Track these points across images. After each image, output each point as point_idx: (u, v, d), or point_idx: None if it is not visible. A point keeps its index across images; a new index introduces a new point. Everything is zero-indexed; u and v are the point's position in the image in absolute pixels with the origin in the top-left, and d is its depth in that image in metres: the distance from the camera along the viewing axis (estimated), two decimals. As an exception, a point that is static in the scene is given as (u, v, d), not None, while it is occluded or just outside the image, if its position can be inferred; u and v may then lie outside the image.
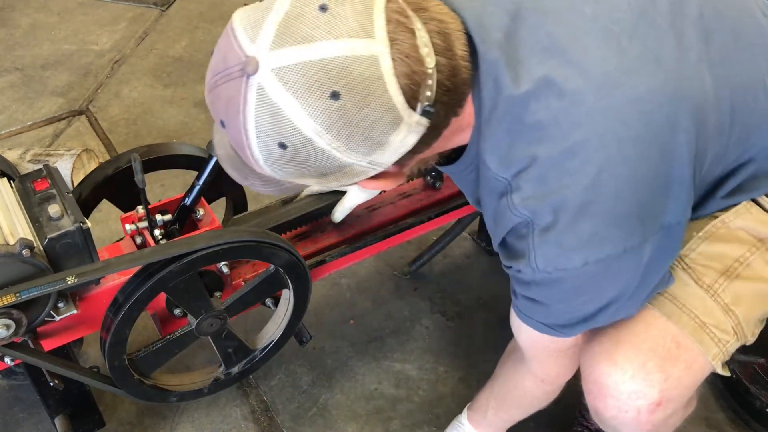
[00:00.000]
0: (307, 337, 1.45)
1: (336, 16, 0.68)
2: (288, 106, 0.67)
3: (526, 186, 0.80)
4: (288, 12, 0.68)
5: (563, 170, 0.77)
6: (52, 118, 2.36)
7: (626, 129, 0.77)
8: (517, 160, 0.80)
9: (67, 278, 0.99)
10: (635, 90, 0.78)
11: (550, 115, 0.77)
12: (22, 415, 1.47)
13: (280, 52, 0.67)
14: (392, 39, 0.69)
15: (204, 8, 3.03)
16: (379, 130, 0.71)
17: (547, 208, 0.78)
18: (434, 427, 1.50)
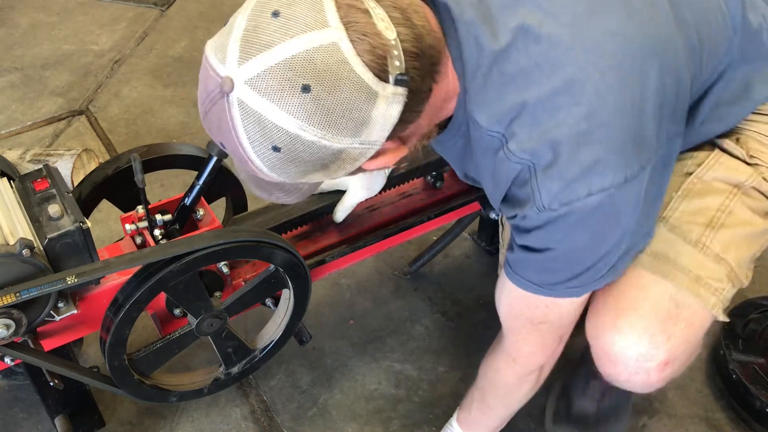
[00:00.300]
0: (307, 337, 1.45)
1: (289, 17, 0.71)
2: (268, 110, 0.71)
3: (520, 131, 0.81)
4: (246, 27, 0.73)
5: (555, 108, 0.79)
6: (52, 118, 2.36)
7: (605, 60, 0.80)
8: (508, 110, 0.82)
9: (67, 278, 0.99)
10: (606, 24, 0.82)
11: (531, 60, 0.80)
12: (22, 415, 1.47)
13: (247, 65, 0.72)
14: (347, 23, 0.71)
15: (204, 8, 3.03)
16: (357, 109, 0.73)
17: (546, 146, 0.80)
18: (434, 427, 1.50)
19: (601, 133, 0.80)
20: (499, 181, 0.87)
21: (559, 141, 0.80)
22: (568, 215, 0.83)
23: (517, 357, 1.11)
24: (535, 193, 0.83)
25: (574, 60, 0.80)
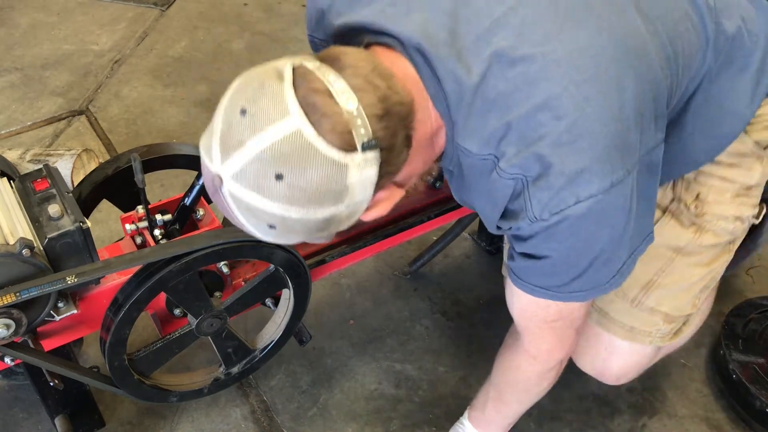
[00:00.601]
0: (307, 337, 1.45)
1: (254, 113, 0.77)
2: (253, 199, 0.78)
3: (508, 149, 0.85)
4: (222, 129, 0.79)
5: (537, 123, 0.83)
6: (52, 118, 2.36)
7: (580, 73, 0.84)
8: (494, 133, 0.86)
9: (67, 278, 0.99)
10: (577, 40, 0.85)
11: (508, 84, 0.84)
12: (22, 415, 1.47)
13: (229, 162, 0.78)
14: (306, 107, 0.76)
15: (204, 8, 3.03)
16: (331, 182, 0.78)
17: (533, 159, 0.84)
18: (434, 427, 1.50)
19: (584, 142, 0.83)
20: (497, 200, 0.91)
21: (544, 154, 0.83)
22: (559, 223, 0.86)
23: (538, 355, 1.13)
24: (527, 205, 0.86)
25: (549, 76, 0.83)
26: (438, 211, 1.52)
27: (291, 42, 2.83)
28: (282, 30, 2.91)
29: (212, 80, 2.57)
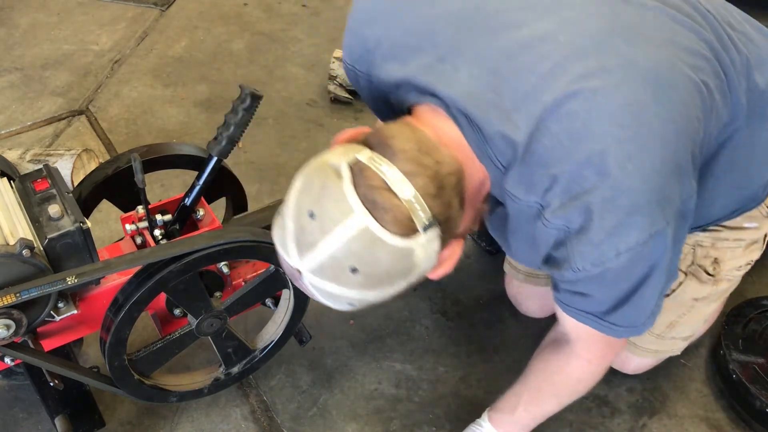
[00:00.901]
0: (307, 337, 1.45)
1: (321, 216, 0.83)
2: (332, 288, 0.87)
3: (554, 201, 0.89)
4: (294, 229, 0.86)
5: (581, 178, 0.86)
6: (52, 118, 2.36)
7: (623, 130, 0.86)
8: (541, 184, 0.90)
9: (67, 278, 0.99)
10: (623, 96, 0.87)
11: (554, 140, 0.87)
12: (22, 415, 1.47)
13: (305, 260, 0.86)
14: (367, 203, 0.82)
15: (204, 8, 3.03)
16: (401, 265, 0.86)
17: (576, 213, 0.88)
18: (434, 427, 1.50)
19: (625, 198, 0.86)
20: (539, 246, 0.96)
21: (587, 208, 0.87)
22: (602, 273, 0.91)
23: (593, 358, 1.15)
24: (570, 256, 0.91)
25: (593, 134, 0.86)
26: (438, 211, 1.52)
27: (291, 42, 2.83)
28: (282, 30, 2.91)
29: (212, 80, 2.57)
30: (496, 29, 0.93)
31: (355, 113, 2.45)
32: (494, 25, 0.94)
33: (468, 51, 0.93)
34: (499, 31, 0.93)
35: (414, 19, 0.99)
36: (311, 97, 2.52)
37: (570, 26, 0.91)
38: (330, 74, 2.44)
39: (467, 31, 0.94)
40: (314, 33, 2.90)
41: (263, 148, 2.25)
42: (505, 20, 0.93)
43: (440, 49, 0.95)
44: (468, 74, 0.92)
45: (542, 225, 0.92)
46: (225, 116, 1.20)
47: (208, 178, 1.24)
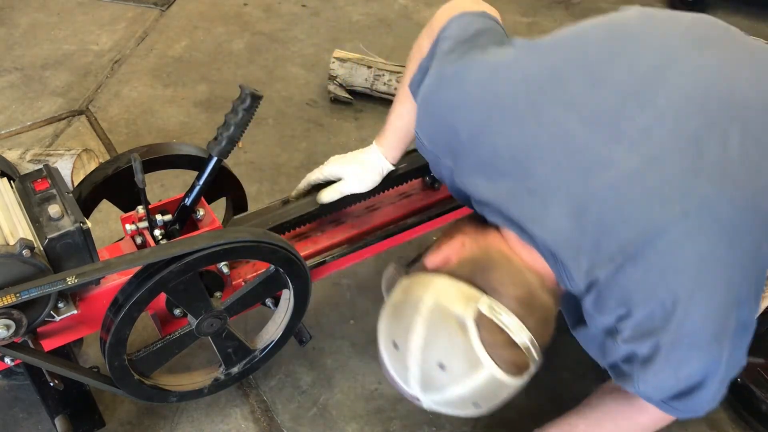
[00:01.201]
0: (307, 337, 1.45)
1: (451, 369, 0.94)
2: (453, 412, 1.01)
3: (626, 330, 0.99)
4: (420, 375, 0.97)
5: (653, 320, 0.95)
6: (52, 118, 2.36)
7: (695, 282, 0.93)
8: (616, 311, 0.99)
9: (67, 279, 0.99)
10: (698, 248, 0.92)
11: (630, 281, 0.95)
12: (22, 415, 1.47)
13: (429, 395, 0.98)
14: (494, 356, 0.94)
15: (204, 8, 3.03)
16: (514, 391, 1.00)
17: (645, 347, 0.98)
18: (434, 428, 1.50)
19: (688, 339, 0.94)
20: (607, 355, 1.06)
21: (656, 345, 0.96)
22: (664, 392, 1.03)
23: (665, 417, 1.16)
24: (635, 378, 1.01)
25: (667, 284, 0.93)
26: (438, 211, 1.52)
27: (291, 42, 2.83)
28: (282, 30, 2.91)
29: (212, 80, 2.57)
30: (584, 167, 0.96)
31: (355, 113, 2.45)
32: (583, 161, 0.96)
33: (556, 188, 0.97)
34: (588, 169, 0.96)
35: (505, 139, 1.02)
36: (311, 97, 2.52)
37: (655, 166, 0.93)
38: (330, 74, 2.44)
39: (556, 165, 0.97)
40: (314, 33, 2.90)
41: (263, 148, 2.25)
42: (594, 158, 0.95)
43: (529, 181, 0.99)
44: (557, 213, 0.97)
45: (613, 343, 1.02)
46: (225, 116, 1.20)
47: (208, 178, 1.24)
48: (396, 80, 2.40)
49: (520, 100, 1.01)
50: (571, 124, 0.97)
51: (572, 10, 3.20)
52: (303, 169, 2.17)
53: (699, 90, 0.98)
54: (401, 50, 2.81)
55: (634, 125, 0.95)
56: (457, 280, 0.99)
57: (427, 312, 0.96)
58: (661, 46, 1.03)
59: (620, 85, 0.98)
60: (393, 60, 2.63)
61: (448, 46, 1.14)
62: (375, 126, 2.37)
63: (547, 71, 1.02)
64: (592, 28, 1.09)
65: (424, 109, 1.15)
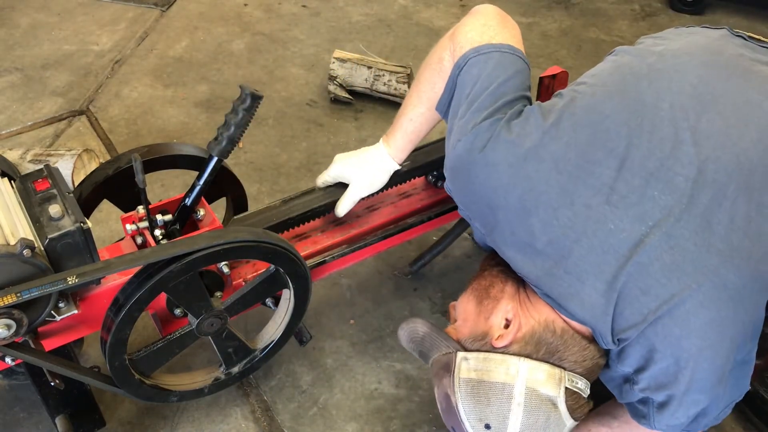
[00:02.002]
0: (307, 337, 1.45)
1: None
2: None
3: (642, 381, 1.11)
4: None
5: (669, 374, 1.07)
6: (53, 118, 2.36)
7: (705, 342, 1.04)
8: (634, 363, 1.11)
9: (67, 278, 0.99)
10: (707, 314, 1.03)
11: (650, 345, 1.07)
12: (22, 414, 1.47)
13: None
14: (574, 415, 1.13)
15: (204, 8, 3.03)
16: None
17: (660, 396, 1.10)
18: (434, 427, 1.50)
19: (698, 386, 1.06)
20: (625, 396, 1.17)
21: (670, 395, 1.09)
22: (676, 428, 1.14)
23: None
24: (650, 419, 1.13)
25: (681, 346, 1.04)
26: (438, 211, 1.53)
27: (291, 42, 2.83)
28: (282, 30, 2.91)
29: (212, 80, 2.57)
30: (615, 248, 1.06)
31: (355, 113, 2.45)
32: (614, 243, 1.06)
33: (591, 268, 1.07)
34: (618, 249, 1.06)
35: (541, 224, 1.10)
36: (311, 97, 2.52)
37: (673, 244, 1.04)
38: (330, 74, 2.45)
39: (590, 247, 1.07)
40: (314, 33, 2.91)
41: (263, 148, 2.26)
42: (623, 238, 1.05)
43: (566, 262, 1.08)
44: (592, 290, 1.07)
45: (629, 389, 1.14)
46: (225, 116, 1.20)
47: (208, 178, 1.24)
48: (396, 80, 2.40)
49: (553, 187, 1.09)
50: (601, 207, 1.07)
51: (571, 10, 3.20)
52: (303, 169, 2.17)
53: (710, 162, 1.07)
54: (401, 50, 2.81)
55: (657, 206, 1.06)
56: (537, 361, 1.12)
57: (521, 398, 1.10)
58: (672, 115, 1.11)
59: (642, 166, 1.07)
60: (393, 60, 2.63)
61: (473, 94, 1.18)
62: (375, 126, 2.37)
63: (573, 157, 1.09)
64: (608, 100, 1.14)
65: (455, 175, 1.19)
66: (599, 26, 3.08)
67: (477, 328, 1.18)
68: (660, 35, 1.35)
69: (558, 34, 3.00)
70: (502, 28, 1.26)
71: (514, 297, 1.19)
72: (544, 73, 1.65)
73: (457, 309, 1.27)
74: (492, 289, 1.21)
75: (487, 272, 1.26)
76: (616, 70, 1.21)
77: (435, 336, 1.20)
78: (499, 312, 1.17)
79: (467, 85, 1.20)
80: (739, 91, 1.15)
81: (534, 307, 1.16)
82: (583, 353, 1.13)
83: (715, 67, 1.18)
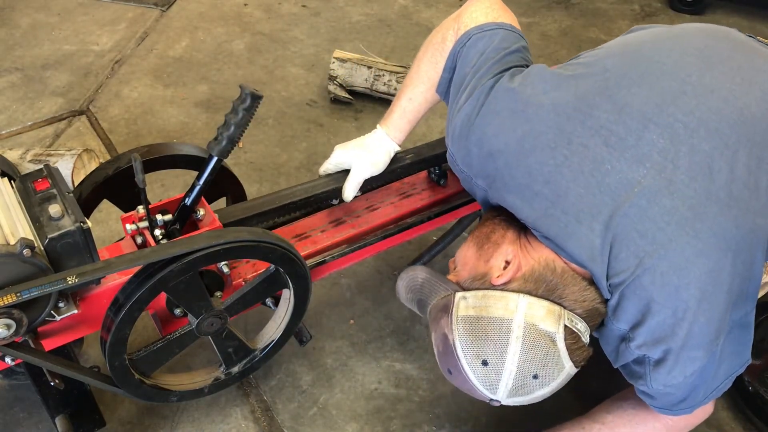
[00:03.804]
0: (307, 337, 1.45)
1: (543, 377, 1.08)
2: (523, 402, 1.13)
3: (639, 337, 1.09)
4: (513, 385, 1.08)
5: (666, 327, 1.06)
6: (53, 118, 2.37)
7: (703, 293, 1.03)
8: (631, 318, 1.09)
9: (67, 278, 0.99)
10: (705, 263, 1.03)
11: (646, 293, 1.06)
12: (22, 414, 1.47)
13: (514, 399, 1.11)
14: (573, 359, 1.09)
15: (204, 8, 3.03)
16: None
17: (657, 351, 1.09)
18: (434, 427, 1.50)
19: (694, 341, 1.06)
20: (621, 356, 1.15)
21: (666, 350, 1.08)
22: (670, 389, 1.13)
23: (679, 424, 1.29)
24: (647, 378, 1.12)
25: (680, 295, 1.04)
26: (438, 211, 1.53)
27: (291, 42, 2.83)
28: (282, 30, 2.91)
29: (212, 80, 2.57)
30: (612, 188, 1.06)
31: (355, 113, 2.45)
32: (611, 183, 1.06)
33: (588, 208, 1.07)
34: (615, 189, 1.06)
35: (539, 164, 1.10)
36: (311, 97, 2.52)
37: (672, 188, 1.04)
38: (330, 74, 2.45)
39: (587, 187, 1.07)
40: (314, 33, 2.91)
41: (263, 148, 2.26)
42: (620, 179, 1.05)
43: (563, 202, 1.08)
44: (589, 230, 1.07)
45: (626, 348, 1.12)
46: (225, 116, 1.20)
47: (208, 178, 1.24)
48: (396, 80, 2.40)
49: (551, 128, 1.10)
50: (599, 148, 1.07)
51: (571, 10, 3.20)
52: (303, 169, 2.17)
53: (712, 113, 1.07)
54: (401, 50, 2.81)
55: (655, 149, 1.05)
56: (537, 298, 1.10)
57: (520, 332, 1.08)
58: (675, 70, 1.12)
59: (640, 111, 1.08)
60: (393, 60, 2.63)
61: (478, 64, 1.21)
62: (375, 126, 2.37)
63: (573, 101, 1.11)
64: (609, 57, 1.17)
65: (459, 134, 1.20)
66: (599, 26, 3.08)
67: (476, 271, 1.17)
68: None
69: (558, 34, 3.00)
70: (504, 11, 1.31)
71: (515, 241, 1.17)
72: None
73: (457, 257, 1.26)
74: (493, 235, 1.20)
75: (489, 221, 1.24)
76: (621, 39, 1.25)
77: (434, 280, 1.19)
78: (499, 255, 1.16)
79: (472, 57, 1.22)
80: (745, 58, 1.16)
81: (534, 249, 1.15)
82: (583, 293, 1.11)
83: (722, 40, 1.20)
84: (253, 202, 1.39)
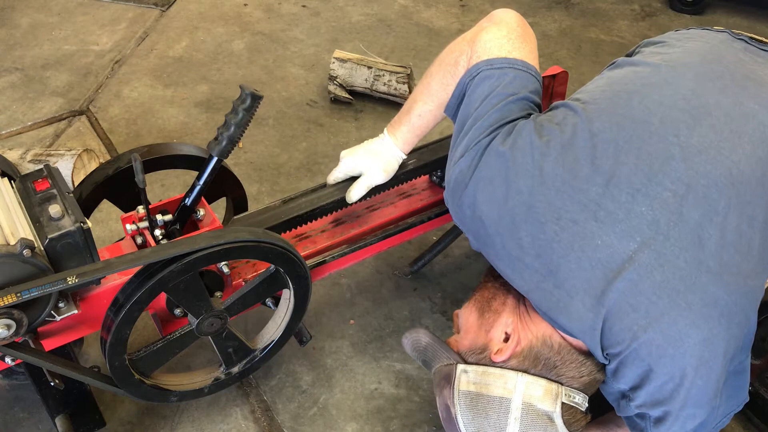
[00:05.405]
0: (307, 337, 1.45)
1: None
2: None
3: (639, 398, 1.10)
4: None
5: (665, 391, 1.06)
6: (53, 118, 2.37)
7: (700, 360, 1.03)
8: (629, 381, 1.10)
9: (67, 278, 0.99)
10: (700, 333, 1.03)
11: (644, 363, 1.06)
12: (22, 414, 1.47)
13: None
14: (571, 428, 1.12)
15: (204, 8, 3.03)
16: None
17: (657, 412, 1.09)
18: (434, 427, 1.50)
19: (694, 401, 1.06)
20: (621, 410, 1.17)
21: (666, 411, 1.08)
22: None
23: None
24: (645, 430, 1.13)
25: (677, 364, 1.04)
26: (438, 211, 1.53)
27: (291, 42, 2.83)
28: (282, 30, 2.91)
29: (212, 80, 2.57)
30: (603, 263, 1.05)
31: (355, 113, 2.45)
32: (602, 259, 1.05)
33: (580, 283, 1.07)
34: (606, 264, 1.05)
35: (530, 238, 1.10)
36: (311, 97, 2.52)
37: (663, 261, 1.04)
38: (330, 74, 2.45)
39: (578, 263, 1.06)
40: (314, 33, 2.91)
41: (263, 148, 2.26)
42: (611, 253, 1.05)
43: (555, 277, 1.08)
44: (581, 305, 1.07)
45: (626, 405, 1.13)
46: (225, 116, 1.20)
47: (208, 178, 1.24)
48: (396, 80, 2.40)
49: (541, 201, 1.09)
50: (588, 224, 1.06)
51: (571, 10, 3.20)
52: (303, 169, 2.17)
53: (700, 177, 1.07)
54: (401, 50, 2.81)
55: (645, 221, 1.05)
56: (535, 377, 1.12)
57: (518, 412, 1.10)
58: (662, 130, 1.10)
59: (629, 182, 1.07)
60: (393, 60, 2.63)
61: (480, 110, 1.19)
62: (375, 126, 2.37)
63: (561, 173, 1.09)
64: (597, 116, 1.14)
65: (454, 189, 1.20)
66: (599, 26, 3.08)
67: (477, 341, 1.19)
68: (660, 40, 1.35)
69: (558, 34, 3.00)
70: (521, 42, 1.26)
71: (515, 311, 1.20)
72: (545, 73, 1.65)
73: (460, 319, 1.29)
74: (494, 301, 1.23)
75: (490, 284, 1.26)
76: (609, 88, 1.21)
77: (436, 347, 1.22)
78: (499, 326, 1.18)
79: (476, 99, 1.21)
80: (734, 102, 1.14)
81: (533, 321, 1.17)
82: (580, 369, 1.13)
83: (711, 78, 1.18)
84: (259, 217, 1.39)
